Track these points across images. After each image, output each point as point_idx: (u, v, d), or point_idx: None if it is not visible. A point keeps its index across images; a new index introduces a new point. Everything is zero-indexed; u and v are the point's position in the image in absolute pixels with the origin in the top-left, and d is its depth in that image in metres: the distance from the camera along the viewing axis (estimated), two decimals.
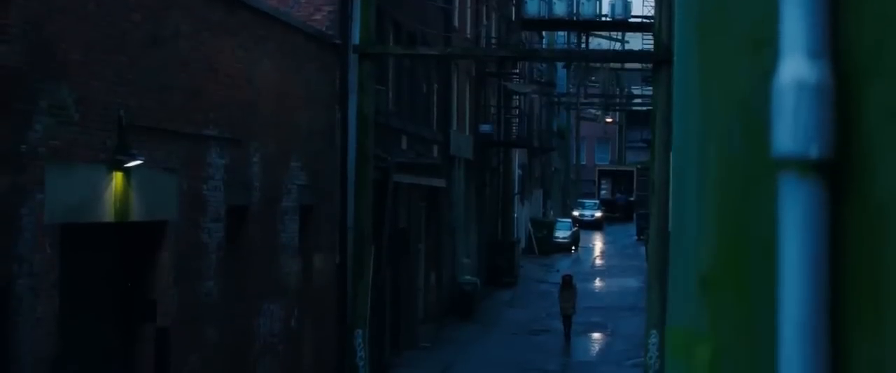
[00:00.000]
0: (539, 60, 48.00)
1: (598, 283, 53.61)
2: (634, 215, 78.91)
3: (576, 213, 79.96)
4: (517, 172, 59.68)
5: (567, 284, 37.95)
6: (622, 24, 45.95)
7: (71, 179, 14.77)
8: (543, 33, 62.65)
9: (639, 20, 46.09)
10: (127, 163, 15.97)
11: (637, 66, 78.63)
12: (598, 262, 63.60)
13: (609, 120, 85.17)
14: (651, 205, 27.73)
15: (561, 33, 67.82)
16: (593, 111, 75.08)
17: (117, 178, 15.91)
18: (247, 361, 21.33)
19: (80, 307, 15.79)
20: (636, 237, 71.13)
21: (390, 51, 27.43)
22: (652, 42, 28.10)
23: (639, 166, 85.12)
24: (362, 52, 26.55)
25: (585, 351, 35.69)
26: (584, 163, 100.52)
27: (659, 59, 26.78)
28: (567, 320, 37.05)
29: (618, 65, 76.00)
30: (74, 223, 14.98)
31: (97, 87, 15.39)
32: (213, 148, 19.40)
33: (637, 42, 69.85)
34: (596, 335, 38.51)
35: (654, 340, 26.75)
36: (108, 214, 15.70)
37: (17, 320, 13.75)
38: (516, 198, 59.07)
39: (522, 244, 59.86)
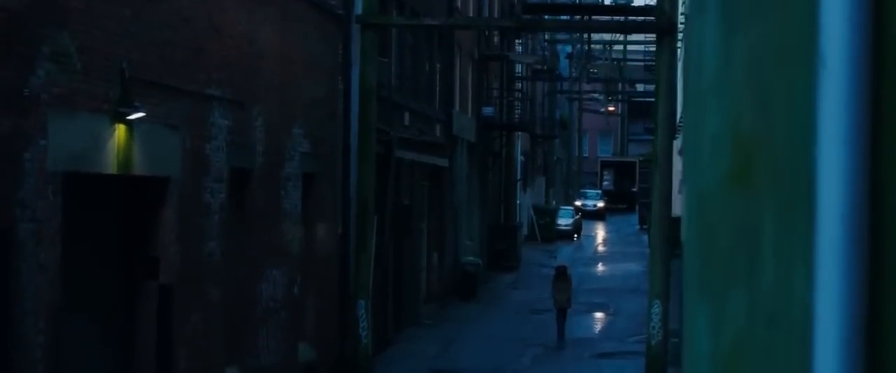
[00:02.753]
0: (541, 30, 48.07)
1: (600, 267, 53.66)
2: (636, 206, 78.99)
3: (578, 203, 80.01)
4: (520, 158, 59.67)
5: (562, 274, 34.47)
6: (624, 8, 46.01)
7: (73, 128, 14.74)
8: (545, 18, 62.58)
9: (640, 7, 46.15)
10: (129, 115, 15.94)
11: (639, 56, 78.62)
12: (601, 248, 63.63)
13: (611, 108, 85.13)
14: (653, 175, 27.72)
15: (563, 18, 67.85)
16: (596, 95, 74.98)
17: (120, 129, 15.88)
18: (249, 324, 21.31)
19: (83, 258, 15.79)
20: (639, 227, 71.14)
21: (393, 21, 27.42)
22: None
23: (641, 158, 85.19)
24: (365, 23, 26.56)
25: (588, 328, 35.68)
26: (586, 155, 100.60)
27: (662, 29, 26.77)
28: (561, 313, 33.45)
29: (620, 55, 75.98)
30: (77, 172, 14.95)
31: (99, 37, 15.36)
32: (215, 108, 19.37)
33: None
34: (598, 314, 38.51)
35: (656, 309, 26.75)
36: (110, 165, 15.67)
37: (19, 266, 13.73)
38: (519, 184, 59.07)
39: (524, 231, 59.85)
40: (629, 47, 74.64)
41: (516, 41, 52.59)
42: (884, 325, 2.85)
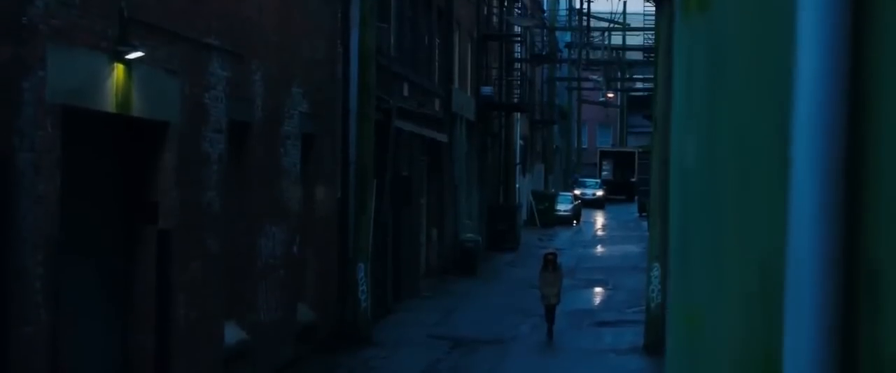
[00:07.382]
0: None
1: (599, 249, 53.68)
2: (635, 196, 79.00)
3: (577, 191, 79.99)
4: (519, 142, 59.64)
5: (550, 264, 29.00)
6: None
7: (72, 62, 14.70)
8: (545, 7, 62.83)
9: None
10: (128, 54, 15.90)
11: (639, 49, 78.56)
12: (600, 233, 63.63)
13: (610, 94, 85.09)
14: (654, 142, 27.71)
15: (563, 9, 67.97)
16: (596, 78, 74.93)
17: (118, 69, 15.84)
18: (248, 279, 21.27)
19: (81, 195, 15.74)
20: (638, 215, 71.14)
21: None
22: (653, 21, 28.15)
23: (640, 149, 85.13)
24: None
25: (587, 301, 35.66)
26: (585, 146, 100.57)
27: None
28: (550, 310, 28.38)
29: (619, 43, 75.96)
30: (76, 107, 14.89)
31: None
32: (214, 57, 19.33)
33: (639, 20, 69.89)
34: (598, 289, 38.50)
35: (656, 272, 26.76)
36: (109, 103, 15.62)
37: (18, 194, 13.69)
38: (518, 168, 59.04)
39: (523, 216, 59.82)
40: (629, 40, 74.58)
41: (515, 5, 52.57)
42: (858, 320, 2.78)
